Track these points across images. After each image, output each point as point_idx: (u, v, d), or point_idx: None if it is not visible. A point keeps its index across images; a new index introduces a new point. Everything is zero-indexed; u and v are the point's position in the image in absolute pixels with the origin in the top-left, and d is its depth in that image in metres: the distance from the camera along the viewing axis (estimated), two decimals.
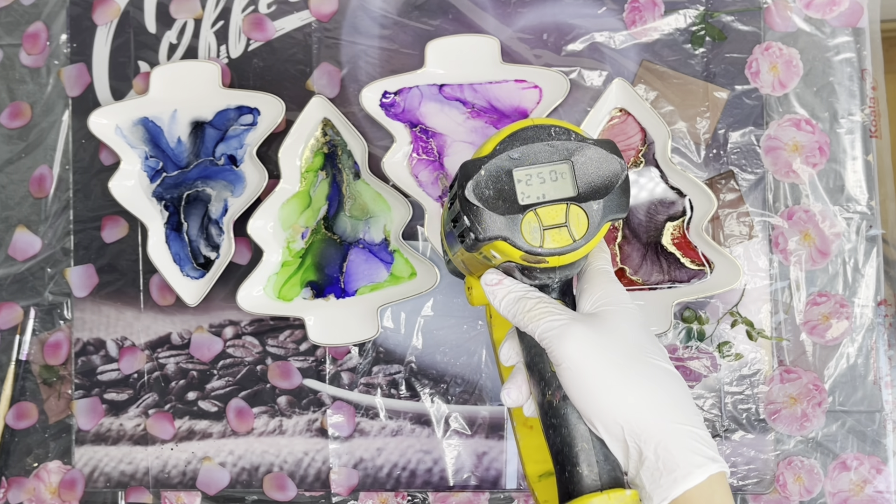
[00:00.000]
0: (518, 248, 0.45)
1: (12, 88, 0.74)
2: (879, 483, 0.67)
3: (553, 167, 0.45)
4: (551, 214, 0.45)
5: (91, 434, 0.72)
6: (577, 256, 0.46)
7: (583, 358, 0.45)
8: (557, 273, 0.48)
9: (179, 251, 0.70)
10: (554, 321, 0.46)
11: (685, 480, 0.44)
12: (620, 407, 0.44)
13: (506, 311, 0.48)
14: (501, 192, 0.45)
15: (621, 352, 0.46)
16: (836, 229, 0.68)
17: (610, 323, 0.47)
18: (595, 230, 0.45)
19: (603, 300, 0.48)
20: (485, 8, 0.70)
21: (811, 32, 0.69)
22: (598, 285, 0.49)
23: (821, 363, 0.68)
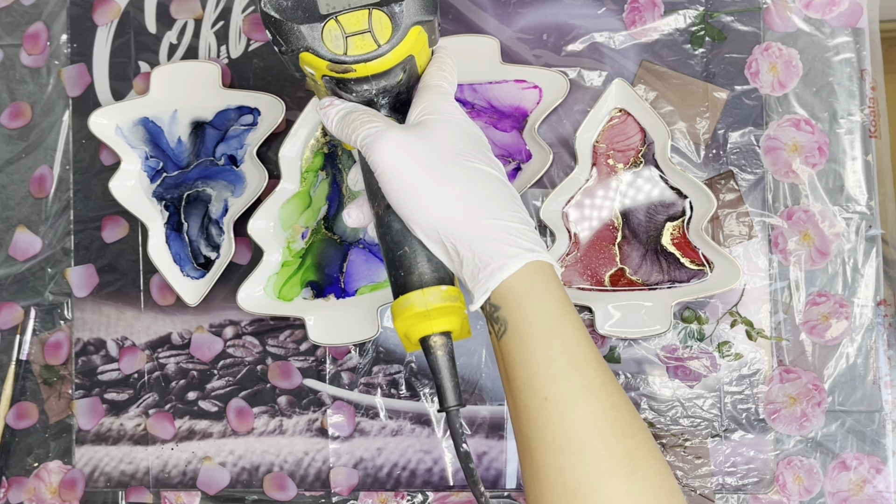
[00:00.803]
0: (322, 58, 0.44)
1: (13, 88, 0.74)
2: (879, 483, 0.67)
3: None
4: (353, 21, 0.44)
5: (91, 434, 0.72)
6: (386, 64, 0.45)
7: (395, 161, 0.45)
8: (373, 84, 0.47)
9: (180, 251, 0.71)
10: (371, 128, 0.46)
11: (500, 271, 0.44)
12: (433, 208, 0.45)
13: (337, 130, 0.48)
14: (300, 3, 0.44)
15: (435, 154, 0.45)
16: (836, 229, 0.68)
17: (428, 129, 0.46)
18: (401, 34, 0.44)
19: (427, 111, 0.48)
20: (485, 8, 0.70)
21: (811, 33, 0.69)
22: (424, 98, 0.48)
23: (820, 363, 0.68)
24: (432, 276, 0.47)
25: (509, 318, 0.44)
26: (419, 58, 0.49)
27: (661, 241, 0.68)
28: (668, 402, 0.68)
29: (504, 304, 0.44)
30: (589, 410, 0.42)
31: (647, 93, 0.69)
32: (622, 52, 0.69)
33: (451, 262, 0.46)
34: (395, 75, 0.47)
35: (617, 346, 0.69)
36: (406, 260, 0.47)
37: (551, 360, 0.43)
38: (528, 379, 0.43)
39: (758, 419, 0.68)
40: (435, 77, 0.50)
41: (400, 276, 0.47)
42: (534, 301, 0.44)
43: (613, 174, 0.69)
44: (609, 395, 0.43)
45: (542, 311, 0.44)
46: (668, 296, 0.67)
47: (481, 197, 0.45)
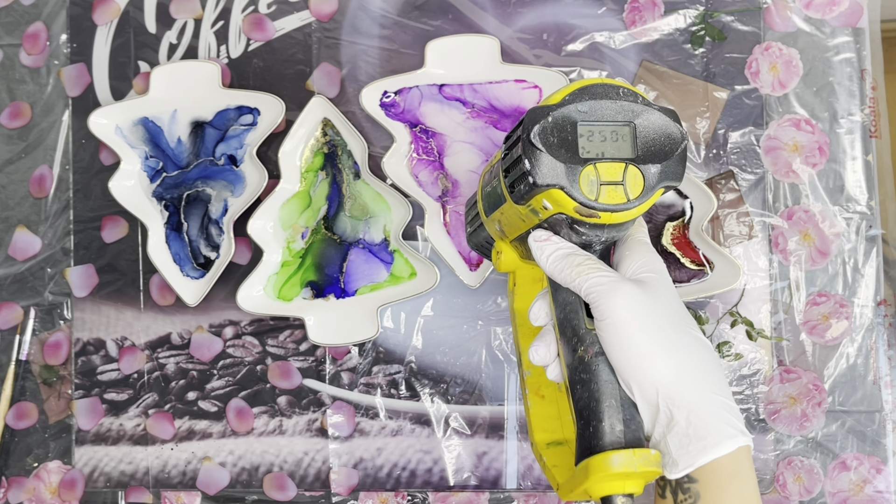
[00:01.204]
0: (573, 199, 0.45)
1: (12, 88, 0.74)
2: (879, 483, 0.67)
3: (616, 127, 0.46)
4: (610, 171, 0.45)
5: (91, 434, 0.72)
6: (628, 216, 0.46)
7: (629, 315, 0.45)
8: (605, 232, 0.48)
9: (179, 251, 0.70)
10: (603, 277, 0.46)
11: (714, 449, 0.44)
12: (659, 370, 0.45)
13: (553, 266, 0.48)
14: (564, 142, 0.45)
15: (665, 317, 0.46)
16: (836, 229, 0.68)
17: (654, 288, 0.47)
18: (650, 192, 0.45)
19: (646, 267, 0.48)
20: (485, 8, 0.70)
21: (811, 32, 0.69)
22: (639, 253, 0.49)
23: (820, 363, 0.68)
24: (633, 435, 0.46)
25: (704, 495, 0.45)
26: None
27: (661, 241, 0.68)
28: None
29: (702, 479, 0.45)
30: None
31: (647, 93, 0.69)
32: (622, 52, 0.69)
33: (653, 425, 0.46)
34: (625, 229, 0.49)
35: None
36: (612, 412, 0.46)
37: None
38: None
39: (758, 419, 0.68)
40: (638, 231, 0.51)
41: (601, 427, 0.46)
42: (736, 486, 0.44)
43: None
44: None
45: (740, 499, 0.44)
46: None
47: (707, 369, 0.46)
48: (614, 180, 0.45)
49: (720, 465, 0.44)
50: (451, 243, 0.69)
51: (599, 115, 0.46)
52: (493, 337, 0.69)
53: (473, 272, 0.69)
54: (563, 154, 0.45)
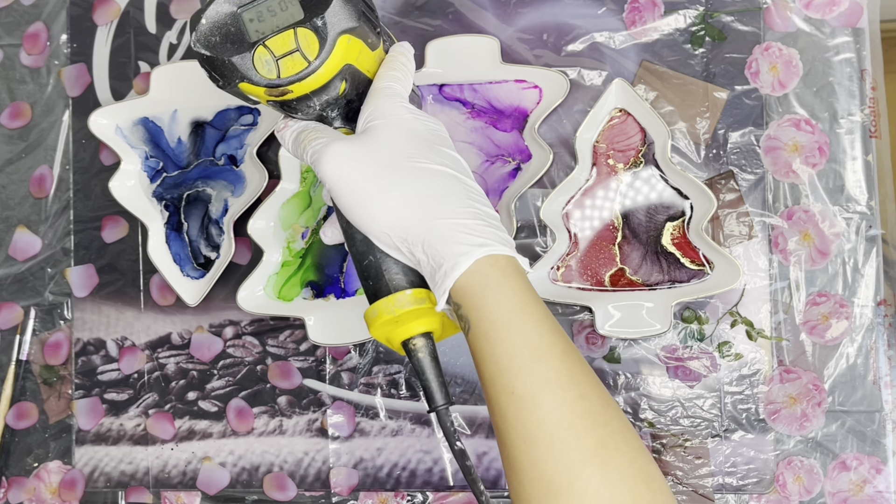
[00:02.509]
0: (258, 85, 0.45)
1: (12, 88, 0.74)
2: (879, 483, 0.67)
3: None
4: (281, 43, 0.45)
5: (91, 434, 0.72)
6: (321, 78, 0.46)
7: (339, 174, 0.45)
8: (315, 100, 0.47)
9: (180, 251, 0.70)
10: (317, 143, 0.46)
11: (453, 271, 0.43)
12: (381, 215, 0.45)
13: (292, 150, 0.49)
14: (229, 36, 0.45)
15: (379, 162, 0.45)
16: (836, 229, 0.68)
17: (372, 136, 0.46)
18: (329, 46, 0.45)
19: (371, 116, 0.47)
20: (485, 8, 0.70)
21: (811, 32, 0.69)
22: (370, 103, 0.48)
23: (820, 363, 0.68)
24: (402, 280, 0.47)
25: (470, 315, 0.44)
26: (362, 63, 0.49)
27: (661, 241, 0.68)
28: (668, 402, 0.68)
29: (463, 302, 0.44)
30: (556, 403, 0.42)
31: (647, 93, 0.69)
32: (622, 52, 0.69)
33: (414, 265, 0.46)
34: (335, 87, 0.48)
35: (617, 346, 0.69)
36: (372, 268, 0.47)
37: (514, 355, 0.43)
38: (495, 375, 0.43)
39: (758, 419, 0.68)
40: (383, 79, 0.49)
41: (369, 285, 0.48)
42: (489, 297, 0.43)
43: (613, 174, 0.69)
44: (577, 385, 0.43)
45: (499, 307, 0.43)
46: (668, 296, 0.67)
47: (429, 197, 0.45)
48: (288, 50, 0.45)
49: (466, 282, 0.44)
50: None
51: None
52: None
53: None
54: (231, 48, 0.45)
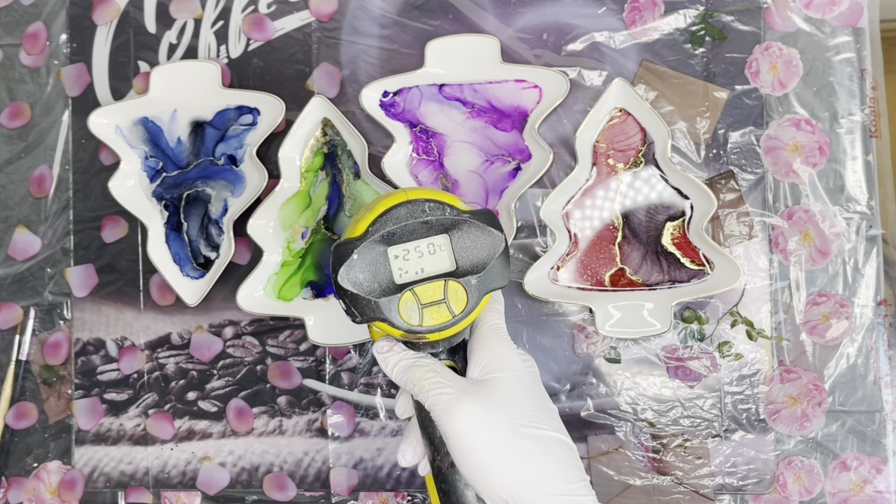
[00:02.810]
0: (398, 328, 0.45)
1: (12, 88, 0.74)
2: (879, 483, 0.67)
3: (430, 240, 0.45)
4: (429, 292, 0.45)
5: (91, 434, 0.72)
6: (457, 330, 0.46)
7: (469, 435, 0.46)
8: (441, 344, 0.47)
9: (179, 251, 0.70)
10: (441, 395, 0.46)
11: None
12: (505, 483, 0.45)
13: (398, 378, 0.49)
14: (377, 274, 0.44)
15: (508, 426, 0.46)
16: (836, 229, 0.68)
17: (498, 393, 0.47)
18: (474, 304, 0.45)
19: (492, 365, 0.48)
20: (485, 8, 0.70)
21: (811, 32, 0.69)
22: (486, 347, 0.49)
23: (821, 363, 0.68)
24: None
25: None
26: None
27: (661, 241, 0.68)
28: (669, 402, 0.68)
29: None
30: None
31: (647, 93, 0.69)
32: (622, 52, 0.69)
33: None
34: (463, 334, 0.48)
35: (617, 346, 0.69)
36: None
37: None
38: None
39: (758, 419, 0.68)
40: (491, 314, 0.50)
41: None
42: None
43: (614, 174, 0.69)
44: None
45: None
46: (669, 296, 0.67)
47: (550, 469, 0.46)
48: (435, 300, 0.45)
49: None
50: None
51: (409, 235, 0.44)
52: None
53: None
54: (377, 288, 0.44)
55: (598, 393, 0.69)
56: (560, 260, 0.69)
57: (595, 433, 0.68)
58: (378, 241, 0.45)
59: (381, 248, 0.45)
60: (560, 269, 0.69)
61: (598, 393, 0.69)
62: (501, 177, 0.69)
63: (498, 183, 0.69)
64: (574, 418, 0.69)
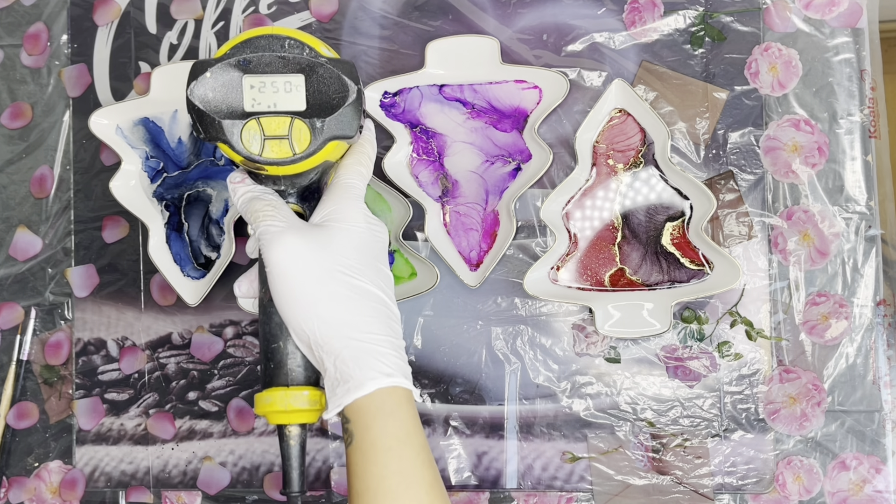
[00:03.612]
0: (237, 152, 0.46)
1: (13, 89, 0.74)
2: (878, 483, 0.67)
3: (287, 78, 0.46)
4: (274, 125, 0.45)
5: (92, 434, 0.72)
6: (298, 169, 0.47)
7: (285, 266, 0.47)
8: (283, 181, 0.48)
9: (180, 251, 0.71)
10: (271, 225, 0.47)
11: (355, 391, 0.46)
12: (309, 318, 0.47)
13: (241, 209, 0.50)
14: (227, 97, 0.46)
15: (325, 267, 0.47)
16: (836, 229, 0.68)
17: (326, 237, 0.48)
18: (317, 146, 0.46)
19: (333, 215, 0.49)
20: (485, 8, 0.70)
21: (810, 33, 0.69)
22: (334, 199, 0.50)
23: (820, 363, 0.68)
24: (301, 374, 0.50)
25: (356, 432, 0.47)
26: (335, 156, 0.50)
27: (660, 241, 0.68)
28: (668, 402, 0.68)
29: (353, 419, 0.47)
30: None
31: (646, 93, 0.69)
32: (622, 53, 0.69)
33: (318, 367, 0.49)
34: (307, 177, 0.49)
35: (617, 346, 0.69)
36: (278, 354, 0.50)
37: (384, 478, 0.46)
38: (361, 491, 0.47)
39: (758, 419, 0.68)
40: (349, 173, 0.51)
41: (270, 367, 0.50)
42: (379, 422, 0.47)
43: (613, 174, 0.69)
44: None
45: (384, 433, 0.47)
46: (668, 296, 0.67)
47: (356, 316, 0.47)
48: (279, 134, 0.45)
49: (364, 404, 0.47)
50: (451, 243, 0.69)
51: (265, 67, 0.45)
52: (493, 337, 0.69)
53: (473, 272, 0.69)
54: (224, 110, 0.45)
55: (597, 393, 0.69)
56: (560, 260, 0.69)
57: (595, 433, 0.69)
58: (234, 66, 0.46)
59: (237, 73, 0.46)
60: (560, 269, 0.69)
61: (598, 393, 0.69)
62: (501, 177, 0.69)
63: (498, 183, 0.69)
64: (574, 418, 0.69)
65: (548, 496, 0.69)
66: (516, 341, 0.69)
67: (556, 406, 0.69)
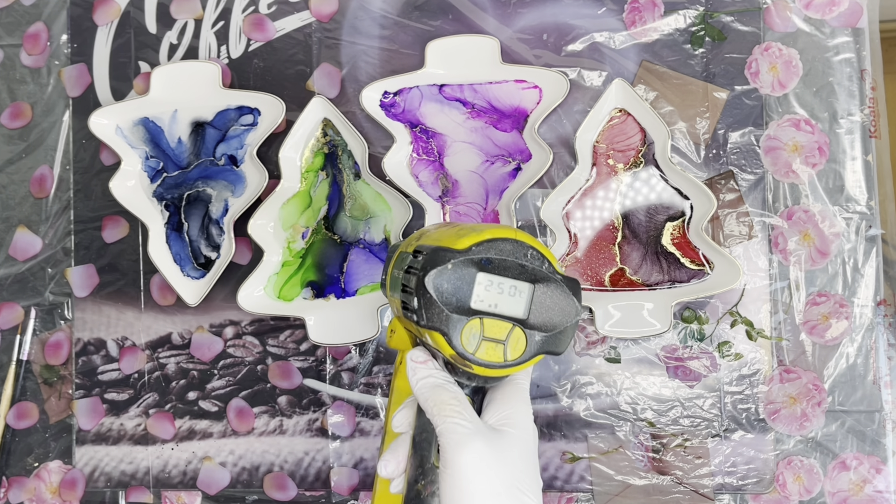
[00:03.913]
0: (452, 348, 0.45)
1: (13, 89, 0.74)
2: (879, 483, 0.67)
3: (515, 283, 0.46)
4: (495, 328, 0.46)
5: (92, 434, 0.72)
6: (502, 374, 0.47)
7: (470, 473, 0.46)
8: (476, 380, 0.48)
9: (180, 251, 0.71)
10: (458, 425, 0.47)
11: None
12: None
13: (419, 392, 0.49)
14: (458, 290, 0.45)
15: (506, 481, 0.46)
16: (836, 229, 0.68)
17: (508, 447, 0.48)
18: (528, 357, 0.46)
19: (510, 419, 0.49)
20: (485, 8, 0.70)
21: (811, 33, 0.69)
22: (509, 401, 0.49)
23: (820, 363, 0.68)
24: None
25: None
26: None
27: (661, 241, 0.68)
28: (668, 402, 0.68)
29: None
30: None
31: (647, 93, 0.69)
32: (622, 52, 0.69)
33: None
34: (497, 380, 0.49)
35: (617, 345, 0.69)
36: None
37: None
38: None
39: (758, 419, 0.68)
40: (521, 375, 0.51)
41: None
42: None
43: (613, 174, 0.69)
44: None
45: None
46: (668, 296, 0.67)
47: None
48: (497, 338, 0.46)
49: None
50: None
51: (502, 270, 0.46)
52: None
53: None
54: (454, 302, 0.45)
55: (598, 393, 0.69)
56: (560, 260, 0.69)
57: (595, 433, 0.68)
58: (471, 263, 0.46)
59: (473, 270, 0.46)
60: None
61: (598, 393, 0.69)
62: (501, 177, 0.69)
63: (498, 183, 0.69)
64: (574, 418, 0.69)
65: (548, 496, 0.69)
66: None
67: (556, 406, 0.69)
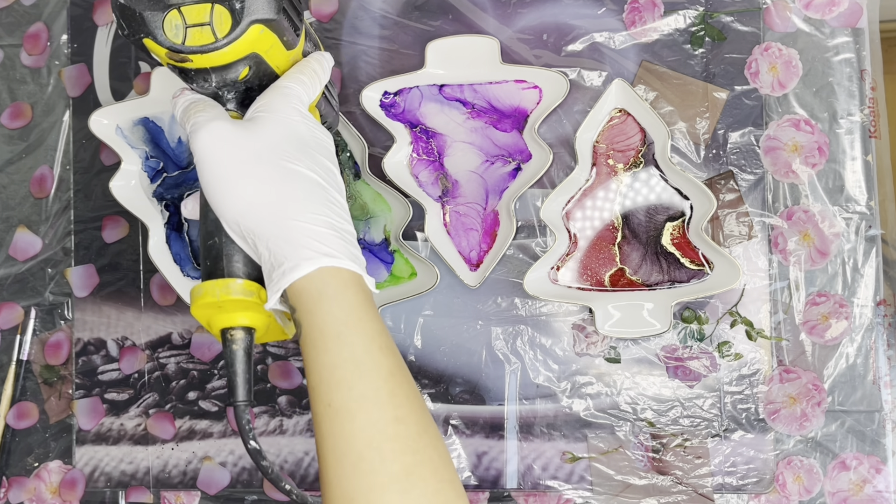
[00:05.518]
0: (160, 45, 0.45)
1: (13, 89, 0.74)
2: (879, 483, 0.67)
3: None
4: (195, 13, 0.45)
5: (92, 434, 0.72)
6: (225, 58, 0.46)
7: (210, 151, 0.45)
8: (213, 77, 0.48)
9: (180, 251, 0.71)
10: (199, 116, 0.46)
11: (291, 273, 0.43)
12: (236, 202, 0.44)
13: (179, 119, 0.48)
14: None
15: (252, 150, 0.45)
16: (836, 229, 0.68)
17: (255, 125, 0.46)
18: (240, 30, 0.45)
19: (261, 108, 0.47)
20: (485, 8, 0.70)
21: (810, 33, 0.69)
22: (265, 96, 0.48)
23: (820, 363, 0.68)
24: (239, 269, 0.47)
25: (303, 321, 0.44)
26: (272, 58, 0.49)
27: (661, 241, 0.68)
28: (668, 402, 0.68)
29: (298, 306, 0.44)
30: (369, 421, 0.42)
31: (647, 93, 0.69)
32: (622, 53, 0.69)
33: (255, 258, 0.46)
34: (237, 70, 0.48)
35: (617, 346, 0.69)
36: (214, 250, 0.48)
37: (336, 367, 0.43)
38: (316, 384, 0.43)
39: (758, 419, 0.68)
40: (286, 78, 0.49)
41: (207, 265, 0.48)
42: (323, 306, 0.43)
43: (613, 174, 0.69)
44: (395, 407, 0.43)
45: (331, 317, 0.43)
46: (668, 296, 0.67)
47: (288, 198, 0.45)
48: (200, 22, 0.45)
49: (304, 288, 0.43)
50: (451, 243, 0.69)
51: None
52: (493, 337, 0.69)
53: (473, 272, 0.69)
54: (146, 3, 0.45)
55: (597, 393, 0.69)
56: (560, 260, 0.69)
57: (595, 433, 0.69)
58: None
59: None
60: (560, 269, 0.69)
61: (598, 393, 0.69)
62: (501, 177, 0.69)
63: (498, 183, 0.69)
64: (574, 418, 0.69)
65: (548, 496, 0.69)
66: (516, 341, 0.69)
67: (556, 406, 0.69)
